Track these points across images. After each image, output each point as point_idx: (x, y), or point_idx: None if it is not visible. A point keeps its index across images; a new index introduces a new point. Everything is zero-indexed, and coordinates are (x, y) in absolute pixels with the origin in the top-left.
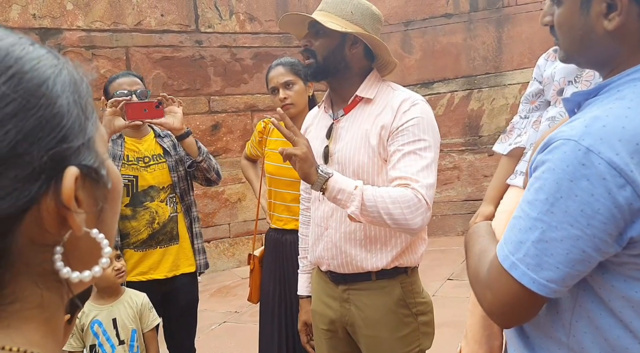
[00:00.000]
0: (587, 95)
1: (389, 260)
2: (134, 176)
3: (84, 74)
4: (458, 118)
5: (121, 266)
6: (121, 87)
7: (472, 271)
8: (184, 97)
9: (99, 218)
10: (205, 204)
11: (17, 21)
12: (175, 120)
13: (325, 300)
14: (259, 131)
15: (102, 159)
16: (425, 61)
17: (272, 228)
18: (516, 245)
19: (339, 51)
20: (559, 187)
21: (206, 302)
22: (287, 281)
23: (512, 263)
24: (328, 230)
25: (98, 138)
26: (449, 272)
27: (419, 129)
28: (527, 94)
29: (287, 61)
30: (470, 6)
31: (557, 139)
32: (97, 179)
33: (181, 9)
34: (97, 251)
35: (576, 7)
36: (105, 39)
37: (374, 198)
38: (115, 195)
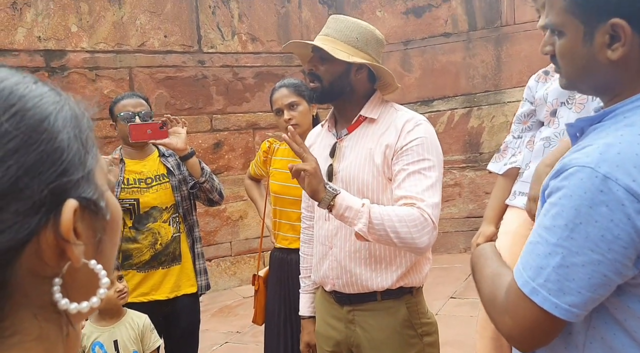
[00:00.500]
0: (591, 121)
1: (394, 279)
2: (135, 200)
3: (85, 108)
4: (458, 135)
5: (123, 287)
6: (125, 108)
7: (488, 295)
8: (187, 115)
9: (97, 249)
10: (206, 222)
11: (22, 43)
12: (179, 141)
13: (330, 321)
14: (263, 151)
15: (102, 190)
16: (424, 79)
17: (277, 247)
18: (536, 270)
19: (345, 77)
20: (577, 213)
21: (207, 322)
22: (292, 301)
23: (532, 288)
24: (333, 249)
25: (98, 170)
26: (452, 291)
27: (423, 149)
28: (519, 114)
29: (290, 83)
30: (468, 25)
31: (572, 165)
32: (96, 211)
33: (184, 30)
34: (95, 282)
35: (579, 38)
36: (109, 59)
37: (381, 216)
38: (115, 226)
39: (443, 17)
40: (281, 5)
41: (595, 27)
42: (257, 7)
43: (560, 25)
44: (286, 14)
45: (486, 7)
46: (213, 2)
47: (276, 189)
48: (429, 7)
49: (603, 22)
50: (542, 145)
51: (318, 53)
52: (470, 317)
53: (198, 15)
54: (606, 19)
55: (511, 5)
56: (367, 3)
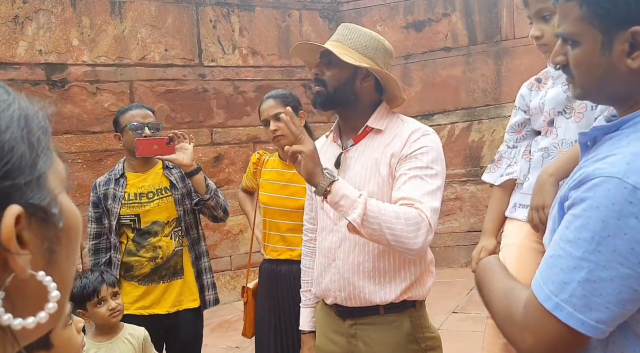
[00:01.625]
0: (606, 129)
1: (397, 293)
2: (135, 215)
3: (40, 108)
4: (459, 149)
5: (116, 305)
6: (134, 119)
7: (502, 311)
8: (187, 129)
9: (49, 260)
10: (206, 236)
11: (24, 57)
12: (186, 157)
13: (331, 336)
14: (253, 162)
15: (54, 196)
16: (425, 93)
17: (266, 259)
18: (559, 285)
19: (350, 83)
20: (605, 225)
21: (207, 336)
22: (282, 312)
23: (556, 304)
24: (336, 261)
25: (52, 174)
26: (454, 305)
27: (428, 157)
28: (513, 123)
29: (278, 94)
30: (468, 40)
31: (597, 176)
32: (46, 218)
33: (185, 43)
34: (44, 295)
35: (596, 47)
36: (109, 73)
37: (377, 209)
38: (72, 235)
39: (443, 32)
40: (282, 19)
41: (614, 35)
42: (258, 21)
43: (575, 35)
44: (287, 28)
45: (486, 22)
46: (214, 16)
47: (265, 200)
48: (429, 22)
49: (623, 31)
50: (540, 156)
51: (325, 58)
52: (473, 331)
53: (199, 29)
54: (626, 27)
55: (511, 20)
56: (367, 17)
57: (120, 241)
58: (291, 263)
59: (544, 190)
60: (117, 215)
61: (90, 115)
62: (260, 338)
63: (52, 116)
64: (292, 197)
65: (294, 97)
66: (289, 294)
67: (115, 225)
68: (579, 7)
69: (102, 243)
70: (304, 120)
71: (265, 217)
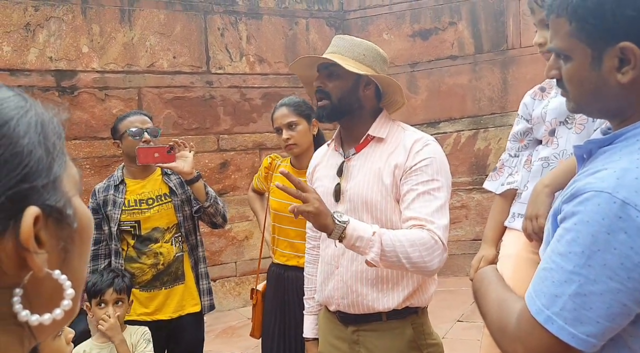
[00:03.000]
0: (600, 143)
1: (400, 300)
2: (136, 221)
3: (55, 114)
4: (465, 157)
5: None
6: (133, 125)
7: (496, 322)
8: (194, 135)
9: (63, 259)
10: (211, 242)
11: (35, 64)
12: (186, 165)
13: (334, 342)
14: (265, 167)
15: (69, 198)
16: (431, 101)
17: (275, 263)
18: (550, 298)
19: (354, 92)
20: (595, 240)
21: (211, 343)
22: (287, 316)
23: (547, 317)
24: (339, 268)
25: (66, 177)
26: (459, 314)
27: (432, 169)
28: (515, 132)
29: (291, 102)
30: (475, 48)
31: (588, 190)
32: (61, 219)
33: (193, 51)
34: (60, 293)
35: (587, 62)
36: (118, 80)
37: (392, 243)
38: (84, 236)
39: (449, 40)
40: (289, 27)
41: (603, 50)
42: (265, 29)
43: (566, 50)
44: (294, 36)
45: (492, 31)
46: (222, 24)
47: (275, 206)
48: (436, 30)
49: (611, 46)
50: (540, 166)
51: (325, 70)
52: (477, 340)
53: (207, 36)
54: (614, 42)
55: (517, 29)
56: (374, 26)
57: (121, 248)
58: (298, 270)
59: (539, 200)
60: (117, 221)
61: (98, 122)
62: (265, 338)
63: (66, 122)
64: None
65: (308, 105)
66: (295, 300)
67: (116, 232)
68: (569, 23)
69: (101, 249)
70: (317, 128)
71: (275, 222)
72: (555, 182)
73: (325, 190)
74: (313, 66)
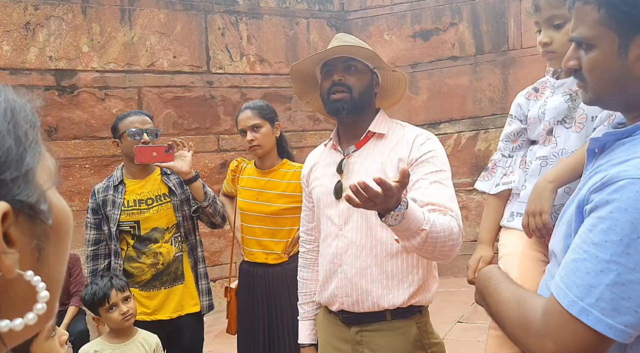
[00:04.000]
0: (619, 135)
1: (405, 297)
2: (135, 222)
3: (28, 101)
4: (465, 158)
5: (127, 309)
6: (133, 125)
7: (515, 320)
8: (194, 135)
9: (38, 259)
10: (211, 242)
11: (34, 63)
12: (184, 164)
13: (336, 344)
14: (231, 170)
15: (43, 192)
16: (432, 102)
17: (245, 261)
18: (585, 289)
19: (371, 88)
20: (634, 228)
21: (211, 343)
22: (256, 313)
23: (582, 309)
24: (342, 266)
25: (41, 169)
26: (459, 315)
27: (439, 161)
28: (509, 132)
29: (255, 105)
30: (476, 49)
31: (622, 178)
32: (34, 215)
33: (193, 51)
34: (33, 296)
35: (613, 51)
36: (118, 79)
37: (436, 234)
38: (62, 232)
39: (450, 41)
40: (289, 27)
41: (631, 39)
42: (266, 29)
43: (592, 38)
44: (294, 36)
45: (493, 32)
46: (222, 23)
47: (242, 206)
48: (437, 31)
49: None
50: (538, 165)
51: (343, 64)
52: (478, 341)
53: (207, 36)
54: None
55: (518, 30)
56: (375, 26)
57: (121, 248)
58: (267, 266)
59: (543, 196)
60: (116, 221)
61: (98, 121)
62: (241, 336)
63: (40, 109)
64: (266, 203)
65: (271, 109)
66: (263, 296)
67: (116, 231)
68: (597, 10)
69: (100, 249)
70: (279, 130)
71: (243, 222)
72: (559, 179)
73: (324, 189)
74: (314, 65)
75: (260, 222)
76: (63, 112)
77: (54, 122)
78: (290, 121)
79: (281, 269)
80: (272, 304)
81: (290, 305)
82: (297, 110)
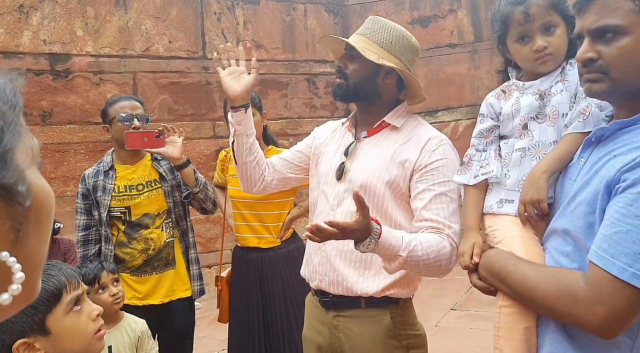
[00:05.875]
0: (622, 124)
1: (379, 288)
2: (126, 207)
3: (9, 80)
4: (462, 147)
5: (117, 291)
6: (123, 110)
7: (558, 292)
8: (190, 122)
9: (15, 240)
10: (207, 229)
11: (28, 46)
12: (175, 150)
13: (316, 326)
14: (220, 160)
15: (21, 173)
16: (429, 90)
17: (238, 247)
18: (634, 256)
19: (372, 79)
20: None
21: (205, 329)
22: (249, 297)
23: (632, 274)
24: (325, 245)
25: (20, 151)
26: (453, 303)
27: (448, 171)
28: (482, 129)
29: None
30: (474, 36)
31: None
32: (10, 197)
33: (189, 36)
34: (8, 276)
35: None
36: (113, 64)
37: (417, 257)
38: (42, 213)
39: (449, 28)
40: (287, 13)
41: None
42: (263, 14)
43: (626, 26)
44: (291, 21)
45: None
46: (218, 8)
47: (233, 194)
48: (435, 18)
49: None
50: (519, 156)
51: (350, 52)
52: (470, 329)
53: (203, 21)
54: None
55: None
56: (373, 12)
57: (111, 233)
58: (260, 251)
59: (539, 186)
60: (107, 207)
61: (93, 106)
62: (238, 318)
63: (21, 88)
64: None
65: (259, 98)
66: (256, 280)
67: (106, 217)
68: (632, 0)
69: (91, 235)
70: (265, 120)
71: (234, 209)
72: (552, 169)
73: (329, 167)
74: (342, 43)
75: (250, 208)
76: (57, 97)
77: (48, 106)
78: (287, 108)
79: (274, 253)
80: (265, 288)
81: (283, 289)
82: (293, 97)
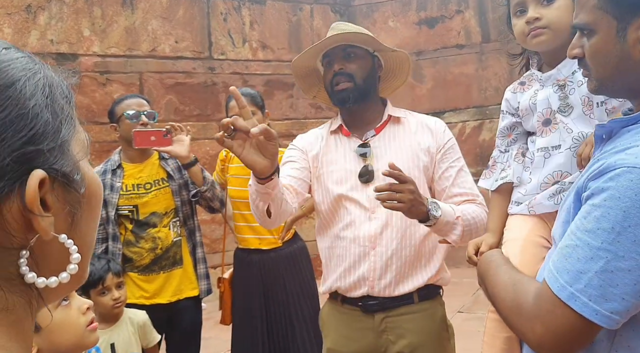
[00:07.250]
0: (625, 122)
1: (433, 273)
2: (133, 206)
3: (65, 78)
4: (469, 148)
5: (119, 296)
6: (130, 108)
7: (509, 303)
8: (196, 122)
9: (71, 223)
10: (212, 230)
11: (35, 46)
12: (182, 149)
13: (350, 334)
14: (220, 159)
15: (77, 163)
16: (436, 91)
17: (239, 248)
18: (575, 275)
19: (374, 73)
20: (626, 216)
21: (211, 329)
22: (252, 299)
23: (570, 294)
24: (376, 248)
25: (75, 142)
26: (460, 305)
27: (457, 147)
28: (502, 127)
29: (247, 92)
30: (482, 37)
31: (619, 166)
32: (69, 184)
33: (195, 36)
34: (66, 257)
35: (612, 35)
36: (119, 64)
37: (469, 224)
38: (93, 201)
39: (456, 29)
40: (293, 13)
41: (628, 22)
42: (269, 14)
43: (592, 24)
44: (298, 22)
45: (499, 20)
46: (225, 9)
47: (233, 194)
48: (442, 19)
49: (637, 17)
50: (542, 156)
51: (342, 52)
52: (478, 331)
53: (209, 21)
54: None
55: None
56: (379, 13)
57: (119, 232)
58: (261, 252)
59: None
60: (115, 205)
61: (99, 106)
62: (242, 320)
63: (74, 86)
64: None
65: (262, 97)
66: (259, 282)
67: (114, 216)
68: None
69: (98, 233)
70: (268, 119)
71: (235, 209)
72: None
73: (345, 173)
74: (315, 58)
75: (250, 208)
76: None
77: None
78: (292, 109)
79: (275, 255)
80: (267, 289)
81: (285, 290)
82: (299, 97)
